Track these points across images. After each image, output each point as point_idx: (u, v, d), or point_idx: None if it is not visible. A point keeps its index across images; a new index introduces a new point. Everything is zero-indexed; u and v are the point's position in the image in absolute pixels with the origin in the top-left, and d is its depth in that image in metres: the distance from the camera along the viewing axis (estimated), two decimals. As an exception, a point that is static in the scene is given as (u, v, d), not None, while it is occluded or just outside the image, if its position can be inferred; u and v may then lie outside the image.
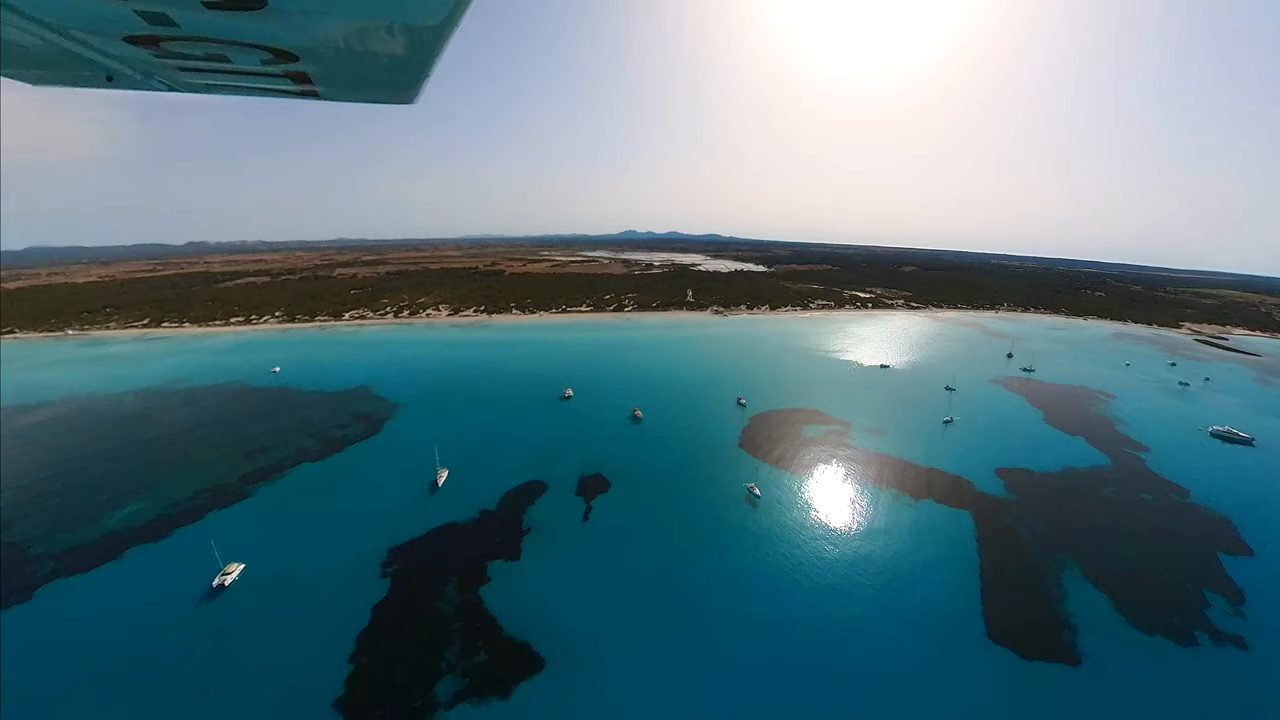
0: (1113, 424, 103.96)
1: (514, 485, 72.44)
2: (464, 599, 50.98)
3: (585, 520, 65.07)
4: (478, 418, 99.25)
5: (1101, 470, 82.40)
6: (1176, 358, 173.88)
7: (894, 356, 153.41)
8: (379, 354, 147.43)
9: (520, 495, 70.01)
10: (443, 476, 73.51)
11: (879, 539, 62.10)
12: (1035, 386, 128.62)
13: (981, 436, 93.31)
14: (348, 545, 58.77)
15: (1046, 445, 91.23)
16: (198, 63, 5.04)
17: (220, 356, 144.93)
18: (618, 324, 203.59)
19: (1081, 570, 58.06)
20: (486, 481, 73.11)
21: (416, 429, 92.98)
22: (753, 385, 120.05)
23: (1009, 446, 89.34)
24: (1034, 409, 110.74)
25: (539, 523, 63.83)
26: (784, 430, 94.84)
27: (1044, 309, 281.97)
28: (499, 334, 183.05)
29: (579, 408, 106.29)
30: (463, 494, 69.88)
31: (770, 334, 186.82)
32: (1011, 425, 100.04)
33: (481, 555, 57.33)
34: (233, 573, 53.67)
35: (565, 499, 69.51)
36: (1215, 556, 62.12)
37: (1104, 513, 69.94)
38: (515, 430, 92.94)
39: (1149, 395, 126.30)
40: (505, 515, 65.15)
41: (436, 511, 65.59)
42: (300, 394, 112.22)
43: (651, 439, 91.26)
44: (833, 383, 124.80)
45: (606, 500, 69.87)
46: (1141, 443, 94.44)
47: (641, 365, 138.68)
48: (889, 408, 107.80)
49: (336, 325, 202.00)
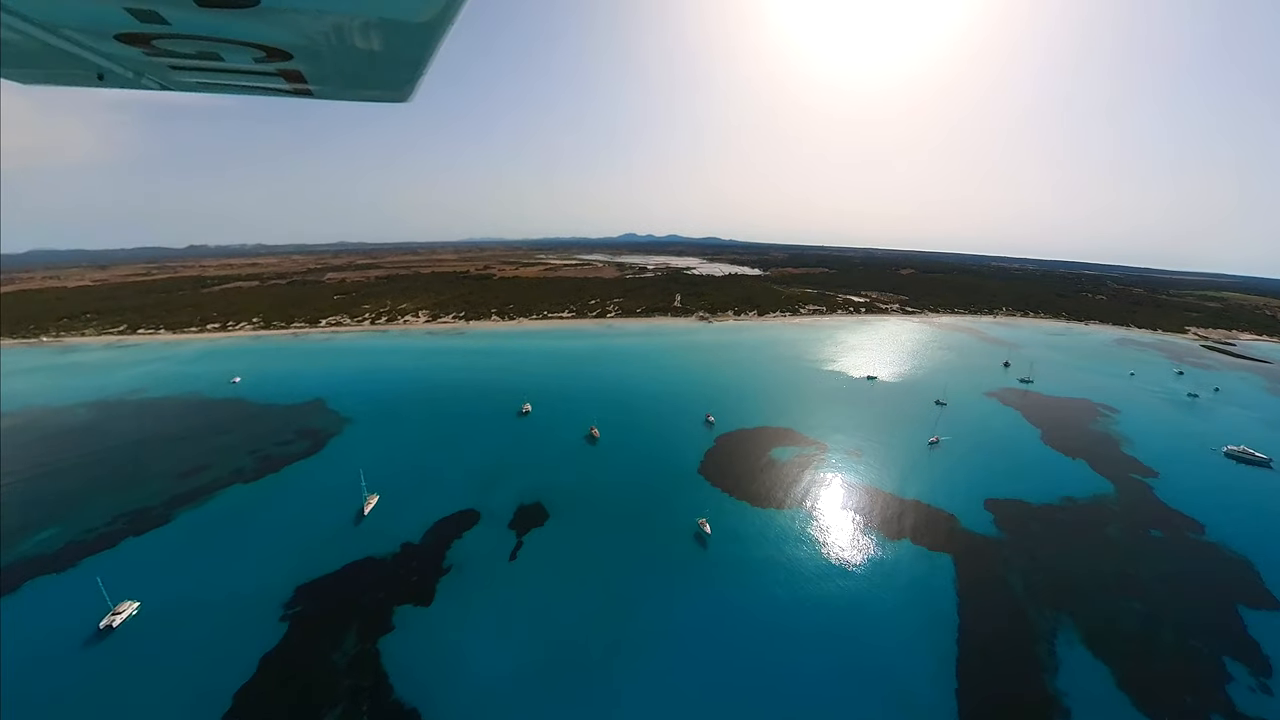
0: (1117, 443, 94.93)
1: (446, 514, 66.28)
2: (361, 650, 45.68)
3: (512, 559, 58.20)
4: (427, 435, 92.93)
5: (1105, 501, 73.42)
6: (1183, 366, 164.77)
7: (882, 367, 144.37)
8: (345, 363, 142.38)
9: (449, 526, 63.88)
10: (371, 503, 67.89)
11: (841, 594, 53.23)
12: (1033, 399, 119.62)
13: (971, 460, 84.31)
14: (254, 581, 53.92)
15: (1043, 470, 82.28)
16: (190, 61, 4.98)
17: (186, 365, 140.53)
18: (596, 331, 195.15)
19: (1080, 633, 49.18)
20: (418, 509, 67.13)
21: (360, 447, 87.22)
22: (726, 399, 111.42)
23: (1001, 472, 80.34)
24: (1031, 426, 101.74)
25: (462, 560, 57.56)
26: (751, 453, 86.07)
27: (1044, 313, 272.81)
28: (472, 342, 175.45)
29: (535, 424, 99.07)
30: (389, 524, 64.10)
31: (754, 342, 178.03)
32: (1005, 446, 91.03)
33: (391, 597, 51.78)
34: (124, 612, 49.27)
35: (496, 532, 62.98)
36: (1235, 611, 53.37)
37: (1107, 555, 60.99)
38: (463, 450, 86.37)
39: (1156, 409, 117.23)
40: (427, 550, 59.23)
41: (356, 544, 60.06)
42: (253, 407, 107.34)
43: (604, 462, 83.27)
44: (813, 397, 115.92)
45: (540, 535, 62.79)
46: (1149, 466, 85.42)
47: (611, 377, 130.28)
48: (871, 426, 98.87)
49: (311, 332, 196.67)
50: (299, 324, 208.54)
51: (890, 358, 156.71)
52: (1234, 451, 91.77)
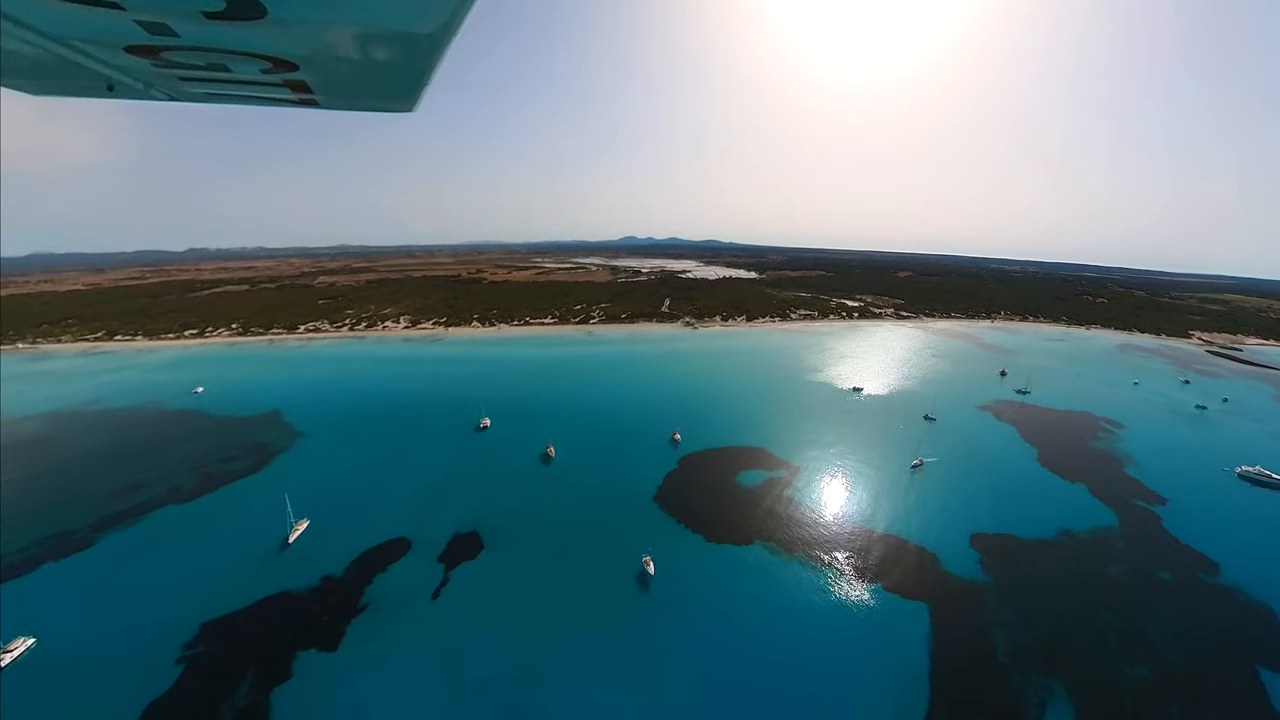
0: (1120, 463, 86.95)
1: (377, 543, 61.37)
2: (251, 702, 41.47)
3: (434, 598, 52.79)
4: (377, 452, 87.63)
5: (1106, 535, 65.46)
6: (1189, 373, 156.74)
7: (870, 377, 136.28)
8: (312, 373, 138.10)
9: (376, 557, 58.89)
10: (299, 530, 63.68)
11: (793, 652, 45.52)
12: (1030, 413, 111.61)
13: (957, 486, 76.29)
14: (161, 616, 50.02)
15: (1038, 497, 74.30)
16: (198, 72, 5.02)
17: (153, 374, 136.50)
18: (575, 339, 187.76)
19: (1075, 710, 41.28)
20: (349, 537, 62.33)
21: (305, 465, 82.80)
22: (698, 414, 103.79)
23: (991, 500, 72.37)
24: (1026, 444, 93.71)
25: (380, 598, 52.55)
26: (715, 477, 78.36)
27: (1043, 317, 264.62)
28: (446, 349, 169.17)
29: (491, 441, 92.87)
30: (314, 553, 59.57)
31: (738, 350, 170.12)
32: (997, 468, 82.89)
33: (297, 639, 47.38)
34: (16, 649, 45.40)
35: (424, 565, 57.74)
36: (1255, 674, 45.60)
37: (1109, 605, 53.06)
38: (411, 468, 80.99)
39: (1162, 423, 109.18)
40: (347, 585, 54.36)
41: (275, 575, 55.67)
42: (208, 419, 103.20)
43: (555, 485, 76.57)
44: (791, 412, 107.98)
45: (468, 571, 57.04)
46: (1156, 491, 77.45)
47: (581, 388, 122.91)
48: (851, 445, 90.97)
49: (287, 339, 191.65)
50: (277, 330, 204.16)
51: (879, 367, 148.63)
52: (1249, 473, 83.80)
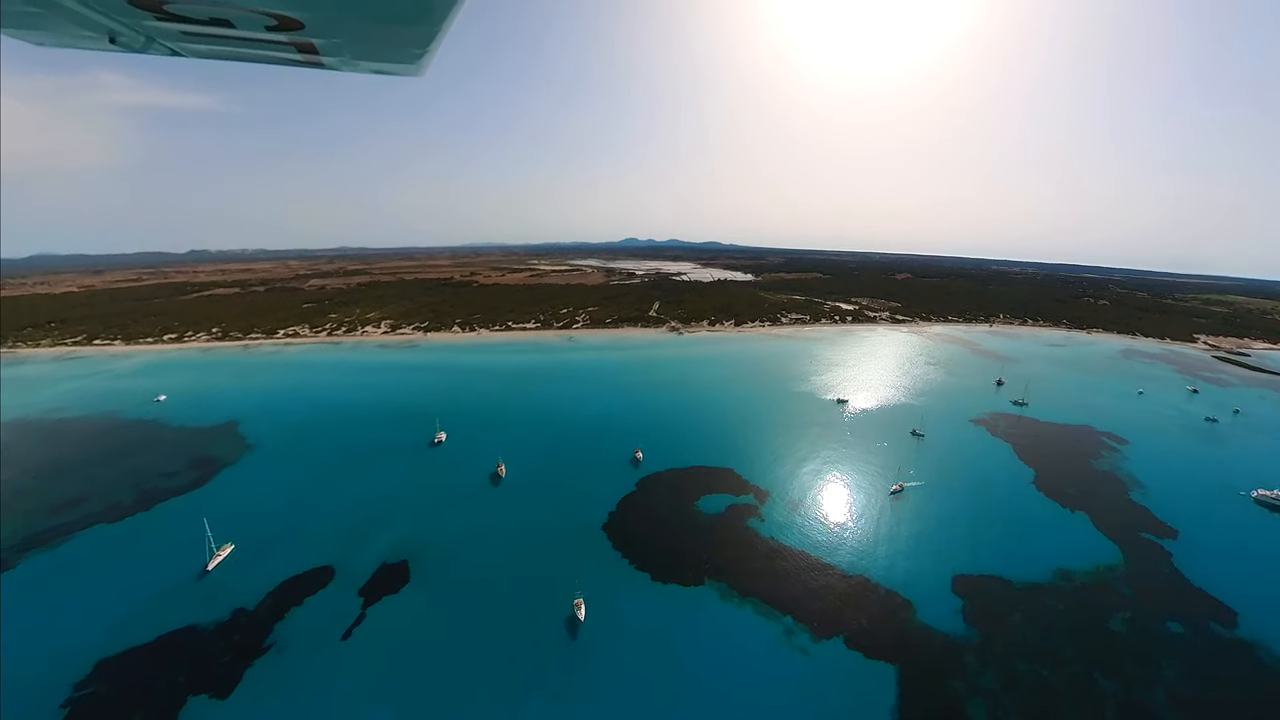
0: (1125, 487, 78.97)
1: (300, 571, 57.05)
2: None
3: (345, 638, 47.82)
4: (323, 467, 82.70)
5: (1109, 576, 57.52)
6: (1196, 381, 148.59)
7: (857, 388, 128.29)
8: (279, 380, 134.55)
9: (296, 589, 54.47)
10: (221, 556, 59.39)
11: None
12: (1027, 428, 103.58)
13: (942, 516, 68.28)
14: (60, 649, 46.57)
15: (1033, 529, 66.33)
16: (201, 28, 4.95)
17: (120, 380, 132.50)
18: (554, 345, 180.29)
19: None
20: (272, 564, 58.13)
21: (248, 481, 78.40)
22: (667, 429, 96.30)
23: (979, 533, 64.38)
24: (1022, 464, 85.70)
25: (289, 636, 48.09)
26: (673, 503, 70.68)
27: (1043, 321, 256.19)
28: (419, 356, 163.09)
29: (443, 457, 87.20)
30: (231, 583, 55.42)
31: (721, 357, 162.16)
32: (988, 495, 74.70)
33: (191, 683, 43.29)
34: None
35: (343, 600, 52.95)
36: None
37: (1110, 668, 45.18)
38: (354, 487, 75.92)
39: (1170, 438, 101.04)
40: (258, 620, 50.20)
41: (185, 607, 51.63)
42: (163, 429, 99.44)
43: (499, 509, 70.09)
44: (768, 427, 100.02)
45: (389, 607, 51.97)
46: (1164, 520, 69.48)
47: (547, 399, 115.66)
48: (828, 466, 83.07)
49: (264, 344, 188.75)
50: (256, 335, 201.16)
51: (867, 376, 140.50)
52: (1266, 498, 75.87)
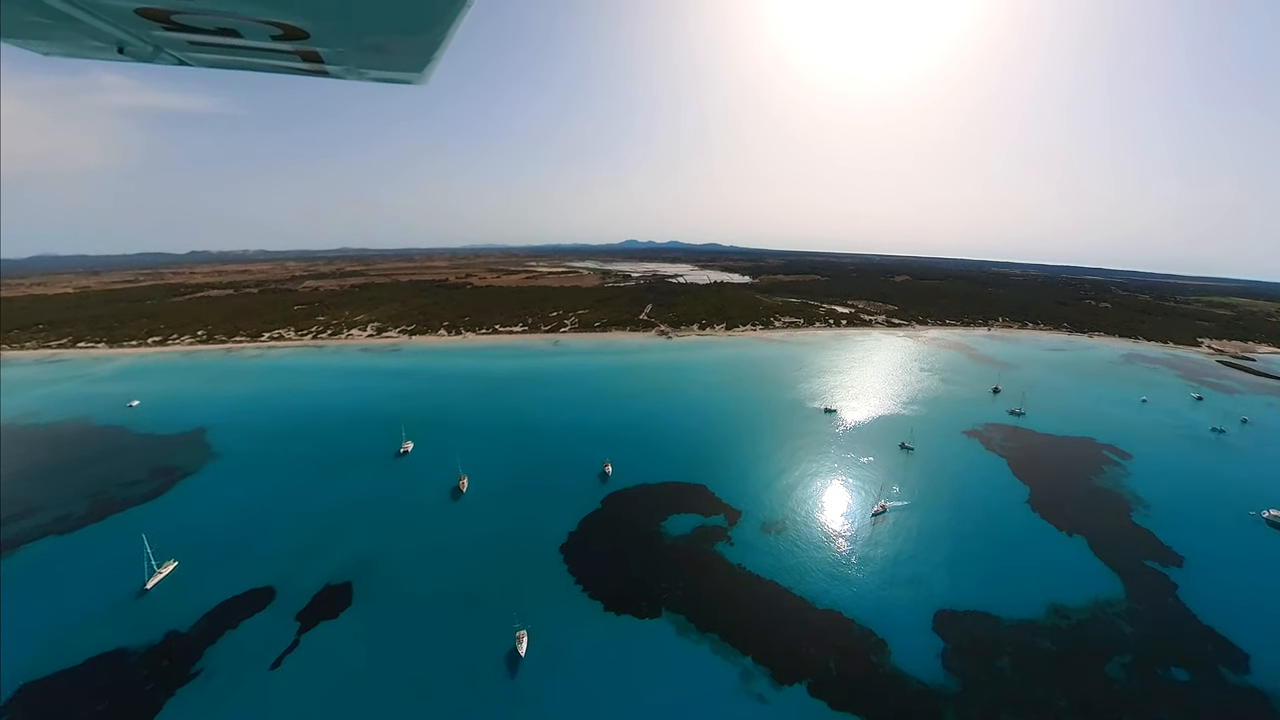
0: (1127, 507, 73.69)
1: (241, 591, 53.99)
2: None
3: (274, 667, 44.80)
4: (284, 477, 79.82)
5: (1109, 613, 52.26)
6: (1201, 388, 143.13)
7: (846, 396, 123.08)
8: (255, 385, 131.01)
9: (233, 611, 51.54)
10: (163, 574, 56.70)
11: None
12: (1024, 440, 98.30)
13: (927, 542, 62.93)
14: None
15: (1027, 556, 61.03)
16: (208, 37, 5.01)
17: (97, 385, 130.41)
18: (538, 349, 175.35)
19: None
20: (214, 584, 55.09)
21: (204, 493, 75.69)
22: (641, 441, 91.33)
23: (967, 561, 59.14)
24: (1017, 481, 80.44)
25: (218, 664, 45.22)
26: (638, 523, 65.69)
27: (1044, 324, 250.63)
28: (399, 361, 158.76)
29: (407, 469, 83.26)
30: (168, 603, 52.60)
31: (708, 362, 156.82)
32: (978, 517, 69.33)
33: (108, 713, 40.72)
34: None
35: (280, 623, 49.88)
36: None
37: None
38: (311, 500, 72.76)
39: (1174, 451, 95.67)
40: (189, 645, 47.37)
41: (119, 629, 48.95)
42: (130, 436, 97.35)
43: (455, 527, 66.03)
44: (748, 440, 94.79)
45: (326, 633, 48.62)
46: (1170, 545, 64.20)
47: (521, 407, 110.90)
48: (808, 483, 77.87)
49: (246, 348, 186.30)
50: (241, 337, 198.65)
51: (858, 383, 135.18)
52: (1277, 518, 70.63)
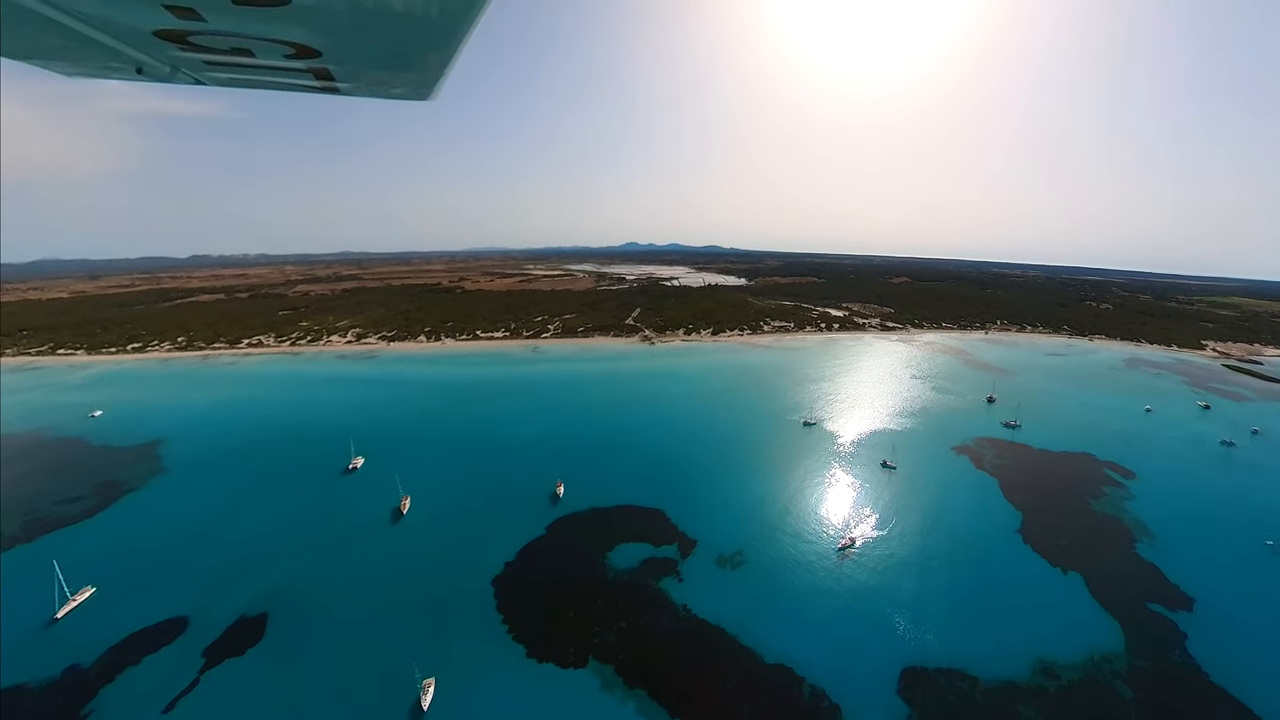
0: (1130, 536, 66.26)
1: (154, 622, 50.06)
2: None
3: (168, 710, 41.10)
4: (228, 493, 76.10)
5: (1106, 671, 44.87)
6: (1208, 395, 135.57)
7: (829, 407, 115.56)
8: (222, 395, 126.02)
9: (142, 643, 47.73)
10: (77, 600, 53.00)
11: None
12: (1018, 456, 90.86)
13: (898, 583, 55.13)
14: None
15: (1012, 599, 53.43)
16: (223, 57, 5.13)
17: (67, 394, 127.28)
18: (515, 356, 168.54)
19: None
20: (128, 613, 51.33)
21: (143, 510, 72.15)
22: (601, 458, 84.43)
23: (943, 606, 51.60)
24: (1008, 506, 72.96)
25: (112, 703, 41.83)
26: (583, 553, 58.91)
27: (1042, 327, 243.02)
28: (371, 369, 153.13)
29: (353, 486, 78.50)
30: (75, 634, 49.12)
31: (688, 371, 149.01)
32: (961, 551, 61.48)
33: None
34: None
35: (185, 659, 46.11)
36: None
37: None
38: (247, 520, 68.91)
39: (1182, 468, 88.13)
40: (85, 683, 43.86)
41: (20, 663, 45.73)
42: (86, 449, 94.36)
43: (389, 553, 60.56)
44: (717, 456, 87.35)
45: (231, 671, 44.86)
46: (1176, 583, 56.76)
47: (483, 419, 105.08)
48: (775, 509, 70.28)
49: (223, 355, 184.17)
50: (219, 344, 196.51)
51: (844, 393, 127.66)
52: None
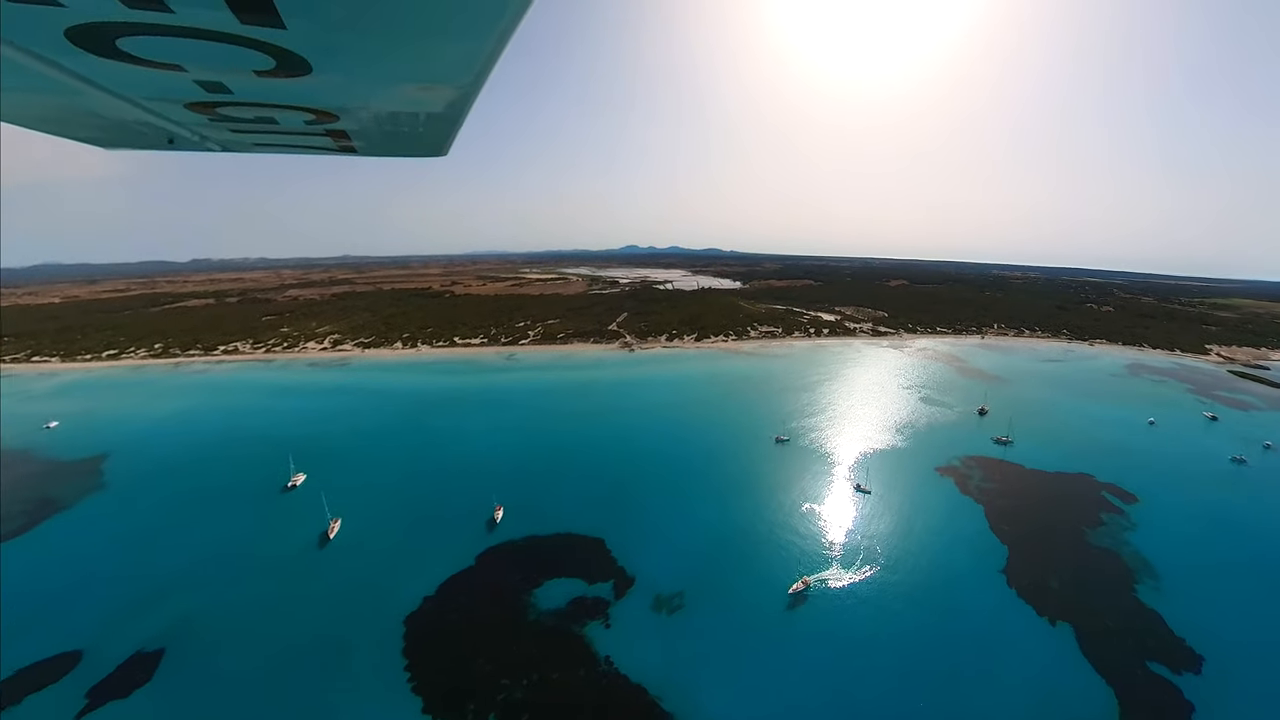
0: (1130, 576, 58.24)
1: (47, 656, 46.41)
2: None
3: None
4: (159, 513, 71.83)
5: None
6: (1215, 405, 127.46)
7: (805, 420, 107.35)
8: (184, 404, 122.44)
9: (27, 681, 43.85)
10: None
11: None
12: (1008, 478, 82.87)
13: (855, 638, 47.03)
14: None
15: (991, 660, 45.47)
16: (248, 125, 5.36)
17: (28, 403, 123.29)
18: (488, 364, 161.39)
19: None
20: (24, 646, 47.47)
21: (67, 533, 68.16)
22: (549, 479, 77.24)
23: (903, 672, 43.61)
24: (993, 539, 64.91)
25: None
26: (508, 588, 51.89)
27: (1041, 331, 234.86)
28: (340, 377, 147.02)
29: (285, 506, 73.96)
30: None
31: (663, 380, 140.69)
32: (934, 597, 53.17)
33: None
34: None
35: (67, 701, 41.92)
36: None
37: None
38: (170, 542, 64.51)
39: (1189, 490, 79.94)
40: None
41: None
42: (30, 463, 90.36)
43: (304, 585, 55.17)
44: (675, 477, 79.08)
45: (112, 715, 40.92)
46: (1182, 636, 48.78)
47: (436, 433, 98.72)
48: (729, 538, 62.27)
49: (195, 362, 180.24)
50: (195, 351, 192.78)
51: (823, 404, 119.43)
52: (1327, 592, 55.31)
